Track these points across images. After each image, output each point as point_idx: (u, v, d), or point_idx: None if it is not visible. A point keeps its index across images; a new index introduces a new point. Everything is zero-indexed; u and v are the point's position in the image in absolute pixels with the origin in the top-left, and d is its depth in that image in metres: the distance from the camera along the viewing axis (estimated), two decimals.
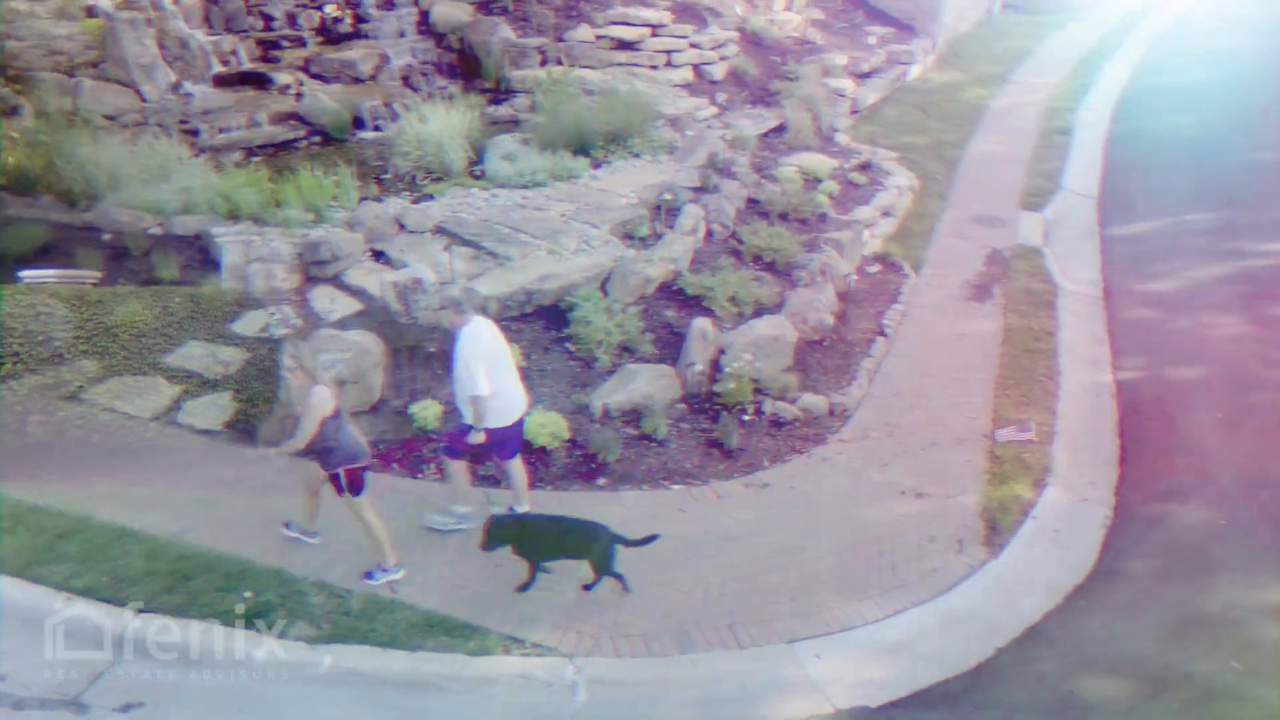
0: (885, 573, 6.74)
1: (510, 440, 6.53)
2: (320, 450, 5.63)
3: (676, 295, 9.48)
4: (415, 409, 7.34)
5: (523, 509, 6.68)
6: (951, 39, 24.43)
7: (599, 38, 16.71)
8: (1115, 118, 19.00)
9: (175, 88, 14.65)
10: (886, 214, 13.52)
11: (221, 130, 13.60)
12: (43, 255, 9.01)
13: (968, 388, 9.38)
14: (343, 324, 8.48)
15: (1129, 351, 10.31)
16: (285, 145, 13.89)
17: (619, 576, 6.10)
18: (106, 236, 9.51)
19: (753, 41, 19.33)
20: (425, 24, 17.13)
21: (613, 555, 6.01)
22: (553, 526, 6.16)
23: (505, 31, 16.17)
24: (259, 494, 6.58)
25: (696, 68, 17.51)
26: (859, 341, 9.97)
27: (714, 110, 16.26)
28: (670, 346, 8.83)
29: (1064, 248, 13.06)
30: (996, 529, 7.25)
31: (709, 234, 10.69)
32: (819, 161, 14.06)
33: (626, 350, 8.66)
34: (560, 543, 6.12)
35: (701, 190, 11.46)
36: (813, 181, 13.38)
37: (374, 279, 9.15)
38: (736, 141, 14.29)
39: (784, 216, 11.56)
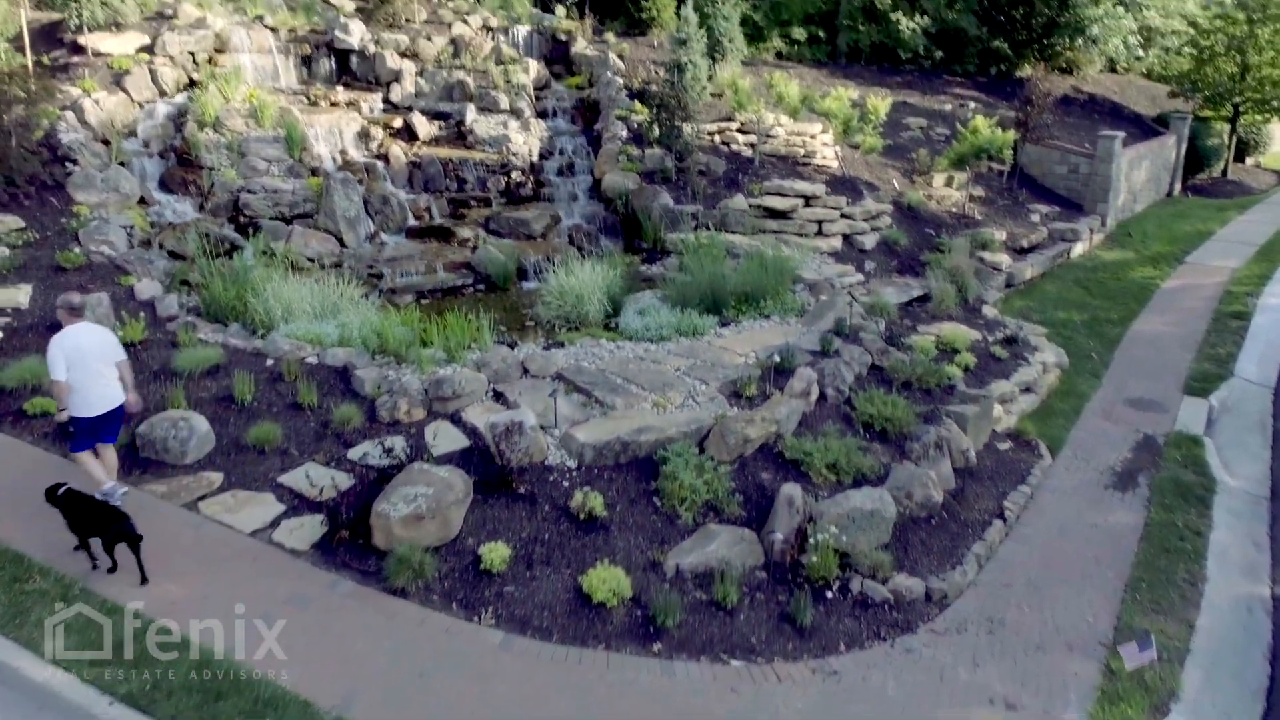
0: None
1: (98, 427, 7.39)
2: None
3: (775, 458, 8.85)
4: (484, 550, 7.07)
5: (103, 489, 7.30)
6: (1123, 218, 22.99)
7: (752, 206, 16.84)
8: None
9: (373, 237, 15.94)
10: (1027, 390, 12.38)
11: (402, 275, 14.53)
12: (208, 375, 9.69)
13: (1092, 585, 8.04)
14: (449, 458, 8.47)
15: None
16: (454, 291, 14.62)
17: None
18: (269, 362, 10.12)
19: (908, 214, 18.91)
20: (596, 190, 17.95)
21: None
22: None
23: (665, 198, 16.62)
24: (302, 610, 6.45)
25: (847, 236, 17.23)
26: (973, 523, 8.88)
27: (860, 277, 15.78)
28: (760, 510, 8.16)
29: (1228, 438, 11.36)
30: None
31: (822, 398, 10.05)
32: (959, 333, 13.19)
33: (712, 509, 8.08)
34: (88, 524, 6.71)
35: (822, 354, 10.90)
36: (948, 352, 12.53)
37: (485, 418, 9.15)
38: (874, 308, 13.72)
39: (907, 385, 10.75)
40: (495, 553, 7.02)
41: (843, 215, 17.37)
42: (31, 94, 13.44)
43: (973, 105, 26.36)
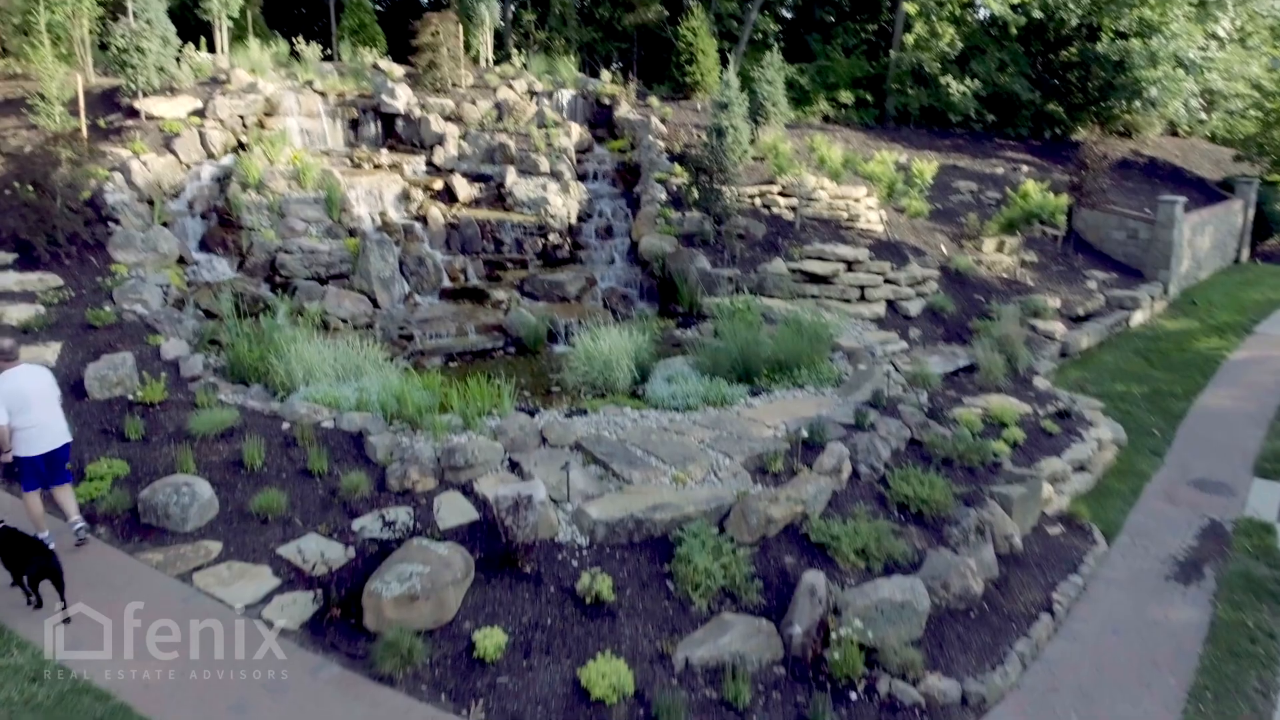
0: None
1: (44, 467, 7.62)
2: None
3: (800, 540, 8.31)
4: (479, 636, 6.64)
5: (42, 533, 7.41)
6: (1186, 286, 22.07)
7: (792, 270, 16.49)
8: None
9: (407, 298, 15.94)
10: (1081, 469, 11.63)
11: (432, 337, 14.43)
12: (222, 438, 9.56)
13: (1151, 693, 7.28)
14: (456, 532, 8.12)
15: None
16: (484, 353, 14.46)
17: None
18: (285, 426, 9.96)
19: (956, 280, 18.36)
20: (634, 253, 17.80)
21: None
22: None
23: (701, 261, 16.37)
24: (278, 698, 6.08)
25: (891, 303, 16.74)
26: (1017, 616, 8.18)
27: (903, 345, 15.24)
28: (781, 598, 7.62)
29: None
30: None
31: (855, 475, 9.50)
32: (1007, 405, 12.53)
33: (729, 596, 7.55)
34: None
35: (856, 428, 10.37)
36: (995, 426, 11.87)
37: (497, 490, 8.80)
38: (916, 378, 13.15)
39: (948, 463, 10.14)
40: (490, 639, 6.59)
41: (886, 280, 16.91)
42: (78, 156, 13.82)
43: (1025, 169, 25.83)
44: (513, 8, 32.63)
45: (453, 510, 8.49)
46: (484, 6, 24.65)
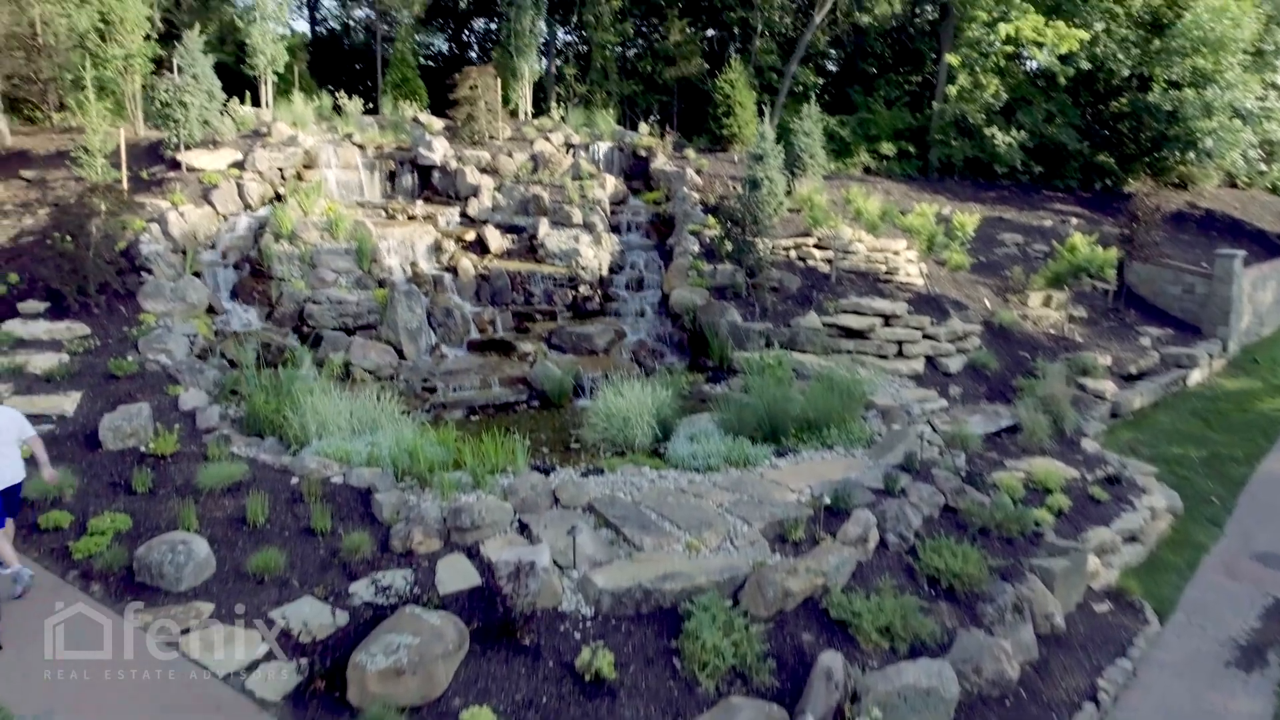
0: None
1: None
2: None
3: (820, 615, 7.79)
4: (466, 715, 6.24)
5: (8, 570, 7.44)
6: (1248, 343, 21.10)
7: (826, 324, 16.06)
8: None
9: (434, 349, 15.84)
10: (1132, 540, 10.92)
11: (455, 389, 14.25)
12: (228, 493, 9.39)
13: None
14: (455, 598, 7.78)
15: None
16: (507, 407, 14.22)
17: None
18: (294, 481, 9.77)
19: (1000, 335, 17.75)
20: (665, 306, 17.55)
21: None
22: None
23: (733, 315, 16.03)
24: None
25: (930, 359, 16.18)
26: (1058, 705, 7.54)
27: (942, 403, 14.66)
28: (796, 680, 7.09)
29: None
30: None
31: (883, 545, 8.96)
32: (1052, 470, 11.88)
33: (740, 677, 7.05)
34: None
35: (885, 493, 9.85)
36: (1038, 492, 11.23)
37: (509, 552, 8.46)
38: (955, 439, 12.56)
39: (985, 532, 9.54)
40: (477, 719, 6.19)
41: (925, 336, 16.37)
42: (115, 207, 14.08)
43: (1074, 221, 25.17)
44: (558, 62, 33.20)
45: (454, 574, 8.15)
46: (524, 61, 25.04)
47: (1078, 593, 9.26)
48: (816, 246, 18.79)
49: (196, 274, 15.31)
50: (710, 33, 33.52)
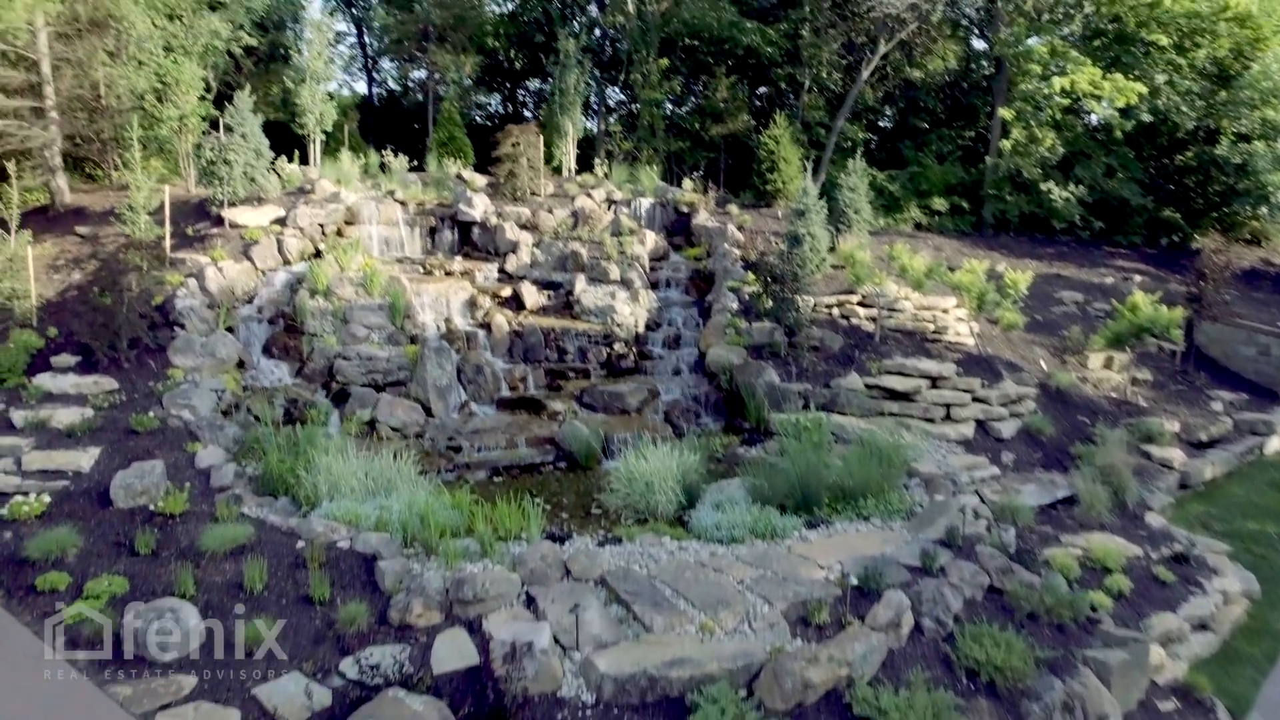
0: None
1: None
2: None
3: (843, 711, 7.10)
4: None
5: None
6: None
7: (869, 386, 15.40)
8: None
9: (463, 407, 15.58)
10: (1202, 628, 9.97)
11: (480, 449, 13.91)
12: (231, 556, 9.11)
13: None
14: (450, 679, 7.30)
15: None
16: (532, 468, 13.83)
17: None
18: (300, 544, 9.46)
19: (1057, 398, 16.85)
20: (701, 364, 17.08)
21: None
22: None
23: (770, 374, 15.49)
24: None
25: (981, 423, 15.36)
26: None
27: (993, 471, 13.83)
28: None
29: None
30: None
31: (918, 630, 8.24)
32: (1111, 547, 11.01)
33: None
34: None
35: (923, 571, 9.13)
36: (1095, 572, 10.38)
37: (508, 629, 7.97)
38: (1004, 511, 11.75)
39: (1033, 618, 8.75)
40: None
41: (975, 398, 15.58)
42: (152, 263, 14.25)
43: (1138, 278, 24.14)
44: (608, 120, 33.60)
45: (451, 651, 7.68)
46: (568, 119, 25.22)
47: (1139, 689, 8.38)
48: (860, 304, 18.20)
49: (230, 329, 15.38)
50: (761, 89, 33.56)
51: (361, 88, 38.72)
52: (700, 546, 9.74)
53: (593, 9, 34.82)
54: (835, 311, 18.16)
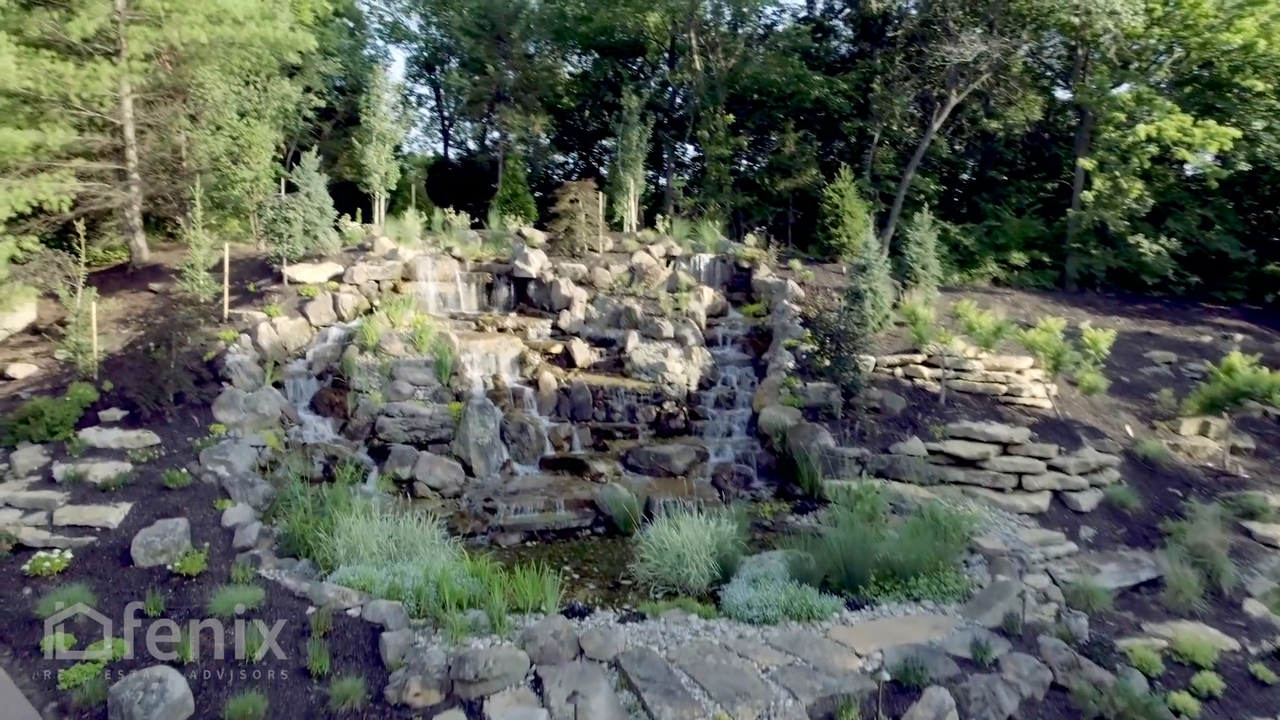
0: None
1: None
2: None
3: None
4: None
5: None
6: None
7: (932, 452, 14.45)
8: None
9: (504, 466, 15.23)
10: None
11: (517, 511, 13.47)
12: (241, 619, 8.81)
13: None
14: None
15: None
16: (568, 532, 13.29)
17: None
18: (310, 610, 9.12)
19: (1144, 468, 15.53)
20: (754, 425, 16.38)
21: None
22: None
23: (825, 438, 14.68)
24: None
25: (1056, 494, 14.21)
26: None
27: (1070, 548, 12.67)
28: None
29: None
30: None
31: None
32: (1201, 638, 9.85)
33: None
34: None
35: (973, 665, 8.20)
36: (1182, 668, 9.25)
37: (508, 715, 7.42)
38: (1078, 594, 10.69)
39: None
40: None
41: (1051, 467, 14.45)
42: (204, 318, 14.46)
43: (1239, 337, 22.41)
44: (682, 175, 33.59)
45: None
46: (629, 175, 25.16)
47: None
48: (925, 364, 17.25)
49: (278, 384, 15.46)
50: (831, 143, 33.07)
51: (440, 149, 39.83)
52: (728, 626, 9.02)
53: (664, 67, 35.13)
54: (899, 372, 17.26)
